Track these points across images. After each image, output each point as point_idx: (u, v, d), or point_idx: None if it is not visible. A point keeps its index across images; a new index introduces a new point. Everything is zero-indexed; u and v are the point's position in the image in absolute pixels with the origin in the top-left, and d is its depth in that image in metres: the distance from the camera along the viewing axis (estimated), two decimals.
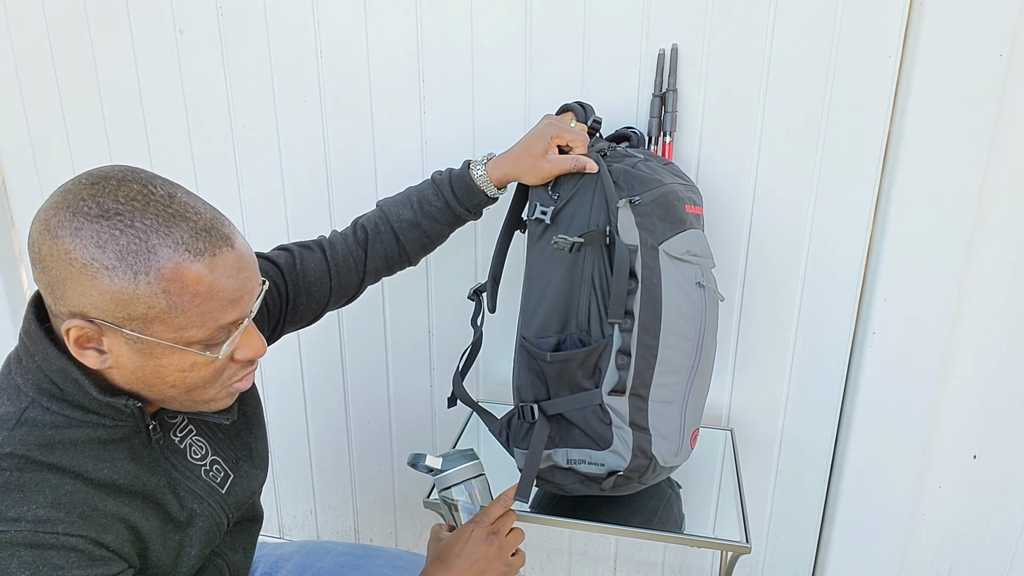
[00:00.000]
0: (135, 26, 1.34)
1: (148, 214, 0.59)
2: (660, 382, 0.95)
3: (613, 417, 0.96)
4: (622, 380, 0.94)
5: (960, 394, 1.26)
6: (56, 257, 0.58)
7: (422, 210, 1.00)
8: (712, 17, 1.12)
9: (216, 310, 0.62)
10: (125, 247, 0.58)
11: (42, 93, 1.44)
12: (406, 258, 1.04)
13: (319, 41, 1.27)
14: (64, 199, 0.59)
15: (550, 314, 0.98)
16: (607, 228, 0.94)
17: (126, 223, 0.58)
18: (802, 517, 1.39)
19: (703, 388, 1.03)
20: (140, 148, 1.43)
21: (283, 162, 1.37)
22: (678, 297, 0.93)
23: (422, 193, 1.01)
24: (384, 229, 1.01)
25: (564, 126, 0.98)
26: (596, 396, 0.96)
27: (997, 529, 1.34)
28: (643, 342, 0.93)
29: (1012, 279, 1.18)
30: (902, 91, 1.10)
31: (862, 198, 1.17)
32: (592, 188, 0.95)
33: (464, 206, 1.01)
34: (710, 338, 1.00)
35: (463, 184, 1.00)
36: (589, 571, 1.53)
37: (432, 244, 1.05)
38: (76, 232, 0.58)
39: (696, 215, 1.00)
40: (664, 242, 0.93)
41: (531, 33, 1.19)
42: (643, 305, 0.92)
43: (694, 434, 1.04)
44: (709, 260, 1.01)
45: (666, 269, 0.93)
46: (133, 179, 0.61)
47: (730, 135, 1.17)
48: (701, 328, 0.96)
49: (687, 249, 0.94)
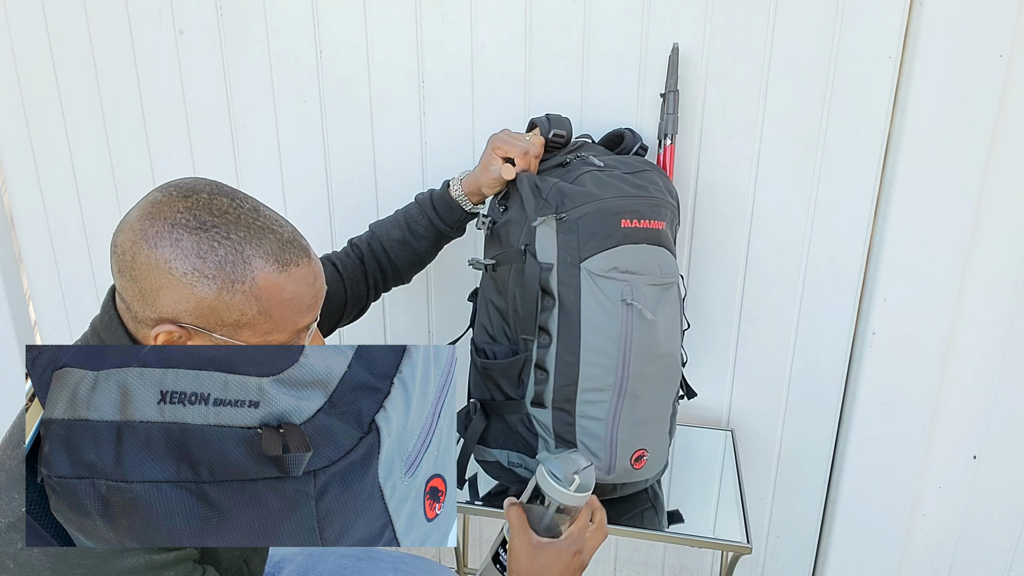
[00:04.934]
0: (135, 26, 1.34)
1: (241, 227, 0.63)
2: (585, 399, 0.95)
3: (538, 428, 1.00)
4: (539, 394, 0.97)
5: (960, 394, 1.26)
6: (153, 266, 0.61)
7: (409, 229, 1.07)
8: (712, 17, 1.12)
9: (297, 315, 0.66)
10: (223, 258, 0.62)
11: (42, 93, 1.44)
12: (399, 275, 1.11)
13: (319, 41, 1.27)
14: (159, 211, 0.62)
15: (487, 323, 1.05)
16: (523, 247, 0.95)
17: (223, 235, 0.62)
18: (802, 517, 1.39)
19: (645, 411, 0.97)
20: (140, 148, 1.43)
21: (283, 162, 1.37)
22: (598, 315, 0.92)
23: (408, 213, 1.08)
24: (376, 247, 1.08)
25: (506, 138, 1.01)
26: (522, 406, 1.00)
27: (997, 529, 1.34)
28: (563, 358, 0.94)
29: (1012, 279, 1.18)
30: (902, 91, 1.10)
31: (862, 198, 1.17)
32: (520, 204, 0.97)
33: (446, 222, 1.07)
34: (640, 357, 0.94)
35: (443, 201, 1.06)
36: (589, 571, 1.53)
37: (422, 261, 1.11)
38: (176, 243, 0.61)
39: (644, 229, 0.94)
40: (587, 259, 0.92)
41: (531, 33, 1.19)
42: (561, 322, 0.93)
43: (636, 454, 0.98)
44: (652, 275, 0.94)
45: (586, 287, 0.92)
46: (220, 192, 0.64)
47: (730, 135, 1.17)
48: (624, 347, 0.92)
49: (614, 266, 0.92)
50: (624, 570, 1.51)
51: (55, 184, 1.50)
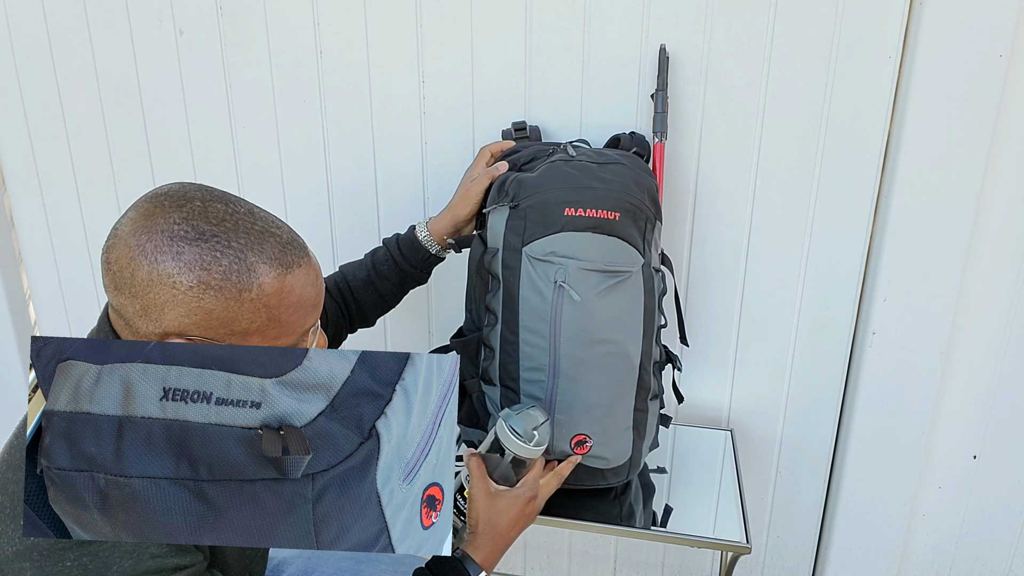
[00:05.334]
0: (135, 26, 1.34)
1: (240, 233, 0.62)
2: (526, 377, 1.00)
3: (488, 404, 1.06)
4: (486, 371, 1.05)
5: (960, 394, 1.26)
6: (156, 282, 0.60)
7: (375, 269, 1.09)
8: (712, 17, 1.12)
9: (303, 317, 0.67)
10: (228, 267, 0.61)
11: (42, 93, 1.44)
12: (364, 316, 1.12)
13: (319, 41, 1.27)
14: (153, 223, 0.60)
15: (467, 306, 1.13)
16: (476, 232, 1.06)
17: (224, 244, 0.61)
18: (802, 517, 1.39)
19: (585, 396, 0.99)
20: (140, 148, 1.43)
21: (283, 162, 1.37)
22: (532, 296, 0.98)
23: (375, 255, 1.11)
24: (343, 287, 1.09)
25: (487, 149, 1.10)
26: (477, 384, 1.08)
27: (997, 529, 1.34)
28: (505, 337, 1.01)
29: (1012, 279, 1.18)
30: (902, 91, 1.10)
31: (862, 198, 1.17)
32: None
33: (410, 263, 1.09)
34: (571, 339, 0.97)
35: (408, 242, 1.09)
36: (589, 572, 1.53)
37: (386, 304, 1.13)
38: (177, 256, 0.59)
39: (587, 218, 0.97)
40: (528, 244, 0.97)
41: (531, 33, 1.19)
42: (504, 303, 1.00)
43: (576, 438, 1.00)
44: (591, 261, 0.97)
45: (525, 270, 0.98)
46: (213, 198, 0.63)
47: (730, 135, 1.17)
48: (553, 326, 0.97)
49: (552, 250, 0.97)
50: (624, 570, 1.51)
51: (55, 184, 1.50)
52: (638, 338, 1.01)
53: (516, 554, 1.55)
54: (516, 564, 1.56)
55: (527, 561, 1.55)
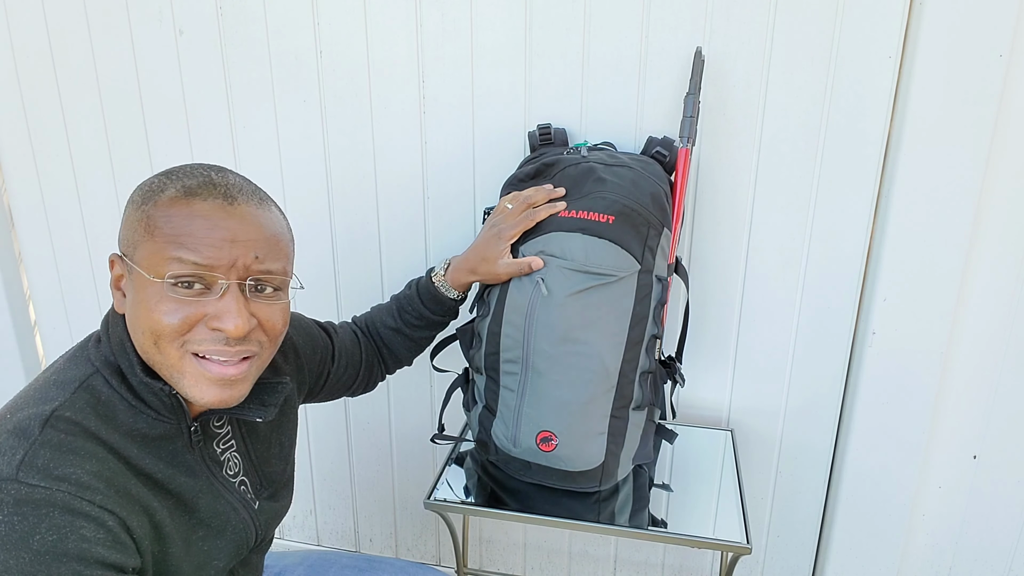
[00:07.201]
0: (135, 26, 1.34)
1: (189, 174, 0.69)
2: (505, 369, 1.03)
3: (474, 389, 1.11)
4: (473, 359, 1.09)
5: (960, 394, 1.26)
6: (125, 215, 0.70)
7: (402, 319, 1.12)
8: (712, 17, 1.12)
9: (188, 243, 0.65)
10: (150, 185, 0.68)
11: (42, 93, 1.44)
12: (396, 359, 1.15)
13: (319, 41, 1.27)
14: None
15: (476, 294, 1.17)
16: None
17: (168, 175, 0.69)
18: (802, 517, 1.39)
19: (551, 392, 1.00)
20: (140, 148, 1.43)
21: (283, 162, 1.37)
22: (516, 291, 1.02)
23: (400, 302, 1.12)
24: (374, 333, 1.13)
25: (511, 224, 1.03)
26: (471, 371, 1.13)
27: (997, 529, 1.34)
28: (491, 328, 1.04)
29: (1012, 279, 1.18)
30: (902, 91, 1.10)
31: (862, 198, 1.17)
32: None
33: (436, 313, 1.11)
34: (541, 334, 0.99)
35: (429, 295, 1.10)
36: (589, 572, 1.53)
37: (419, 347, 1.16)
38: (139, 185, 0.70)
39: (578, 219, 1.00)
40: (525, 243, 1.03)
41: (531, 33, 1.19)
42: (497, 297, 1.05)
43: (542, 434, 1.01)
44: (573, 261, 0.99)
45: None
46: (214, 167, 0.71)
47: (730, 135, 1.17)
48: (528, 319, 1.00)
49: (541, 249, 1.01)
50: (624, 570, 1.51)
51: (55, 184, 1.50)
52: (619, 344, 1.00)
53: (516, 554, 1.55)
54: (516, 564, 1.56)
55: (527, 561, 1.55)
